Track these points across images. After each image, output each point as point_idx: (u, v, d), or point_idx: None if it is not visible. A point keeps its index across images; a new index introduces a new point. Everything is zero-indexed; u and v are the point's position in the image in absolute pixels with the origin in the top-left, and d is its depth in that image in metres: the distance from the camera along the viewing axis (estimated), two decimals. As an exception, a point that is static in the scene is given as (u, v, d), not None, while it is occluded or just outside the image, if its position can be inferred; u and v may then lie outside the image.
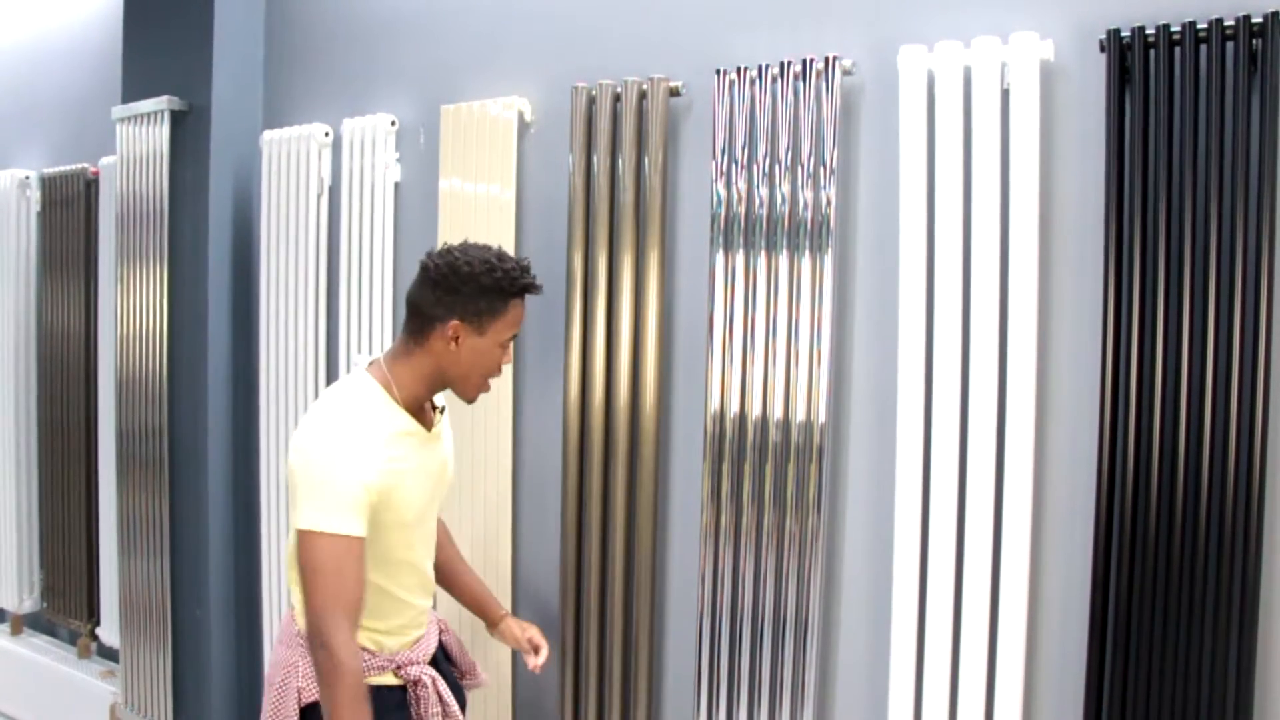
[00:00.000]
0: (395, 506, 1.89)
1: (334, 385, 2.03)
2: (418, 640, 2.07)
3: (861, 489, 2.20)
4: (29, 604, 3.99)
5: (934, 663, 2.03)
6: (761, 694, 2.21)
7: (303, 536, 1.82)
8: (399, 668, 2.00)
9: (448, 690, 2.05)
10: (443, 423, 2.07)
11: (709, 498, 2.27)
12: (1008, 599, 1.95)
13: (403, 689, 2.01)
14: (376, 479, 1.84)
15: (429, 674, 2.02)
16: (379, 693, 1.94)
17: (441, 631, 2.22)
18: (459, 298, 1.88)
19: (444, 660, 2.20)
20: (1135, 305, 1.84)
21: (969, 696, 1.99)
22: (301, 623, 1.95)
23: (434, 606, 2.21)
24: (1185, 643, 1.79)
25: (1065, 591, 1.97)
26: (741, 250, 2.23)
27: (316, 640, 1.81)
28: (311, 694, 1.92)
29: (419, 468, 1.96)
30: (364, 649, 1.94)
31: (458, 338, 1.89)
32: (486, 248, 1.95)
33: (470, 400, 2.00)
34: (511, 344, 1.99)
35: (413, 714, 2.01)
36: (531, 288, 1.94)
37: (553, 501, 2.58)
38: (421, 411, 1.99)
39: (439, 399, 2.08)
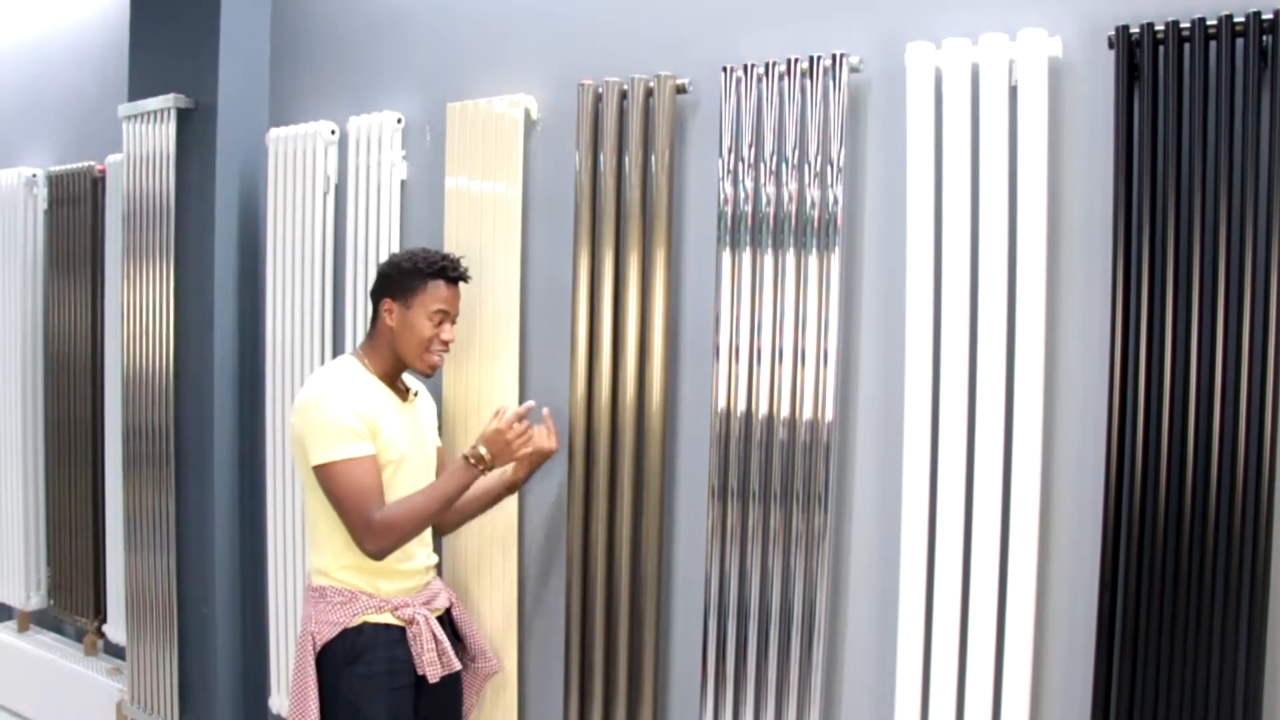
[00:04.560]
0: (381, 439, 2.24)
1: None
2: (416, 590, 2.33)
3: (868, 488, 2.20)
4: (36, 601, 4.00)
5: (941, 662, 2.02)
6: (767, 693, 2.21)
7: (319, 473, 2.19)
8: (395, 608, 2.26)
9: (441, 630, 2.31)
10: (417, 401, 2.43)
11: (715, 496, 2.27)
12: (1015, 599, 1.95)
13: (401, 629, 2.27)
14: (364, 408, 2.22)
15: (423, 614, 2.28)
16: (376, 630, 2.24)
17: (452, 605, 2.46)
18: (391, 282, 2.34)
19: (451, 637, 2.39)
20: (1144, 304, 1.83)
21: (976, 696, 1.98)
22: (317, 580, 2.29)
23: (439, 570, 2.49)
24: (1194, 645, 1.78)
25: (1073, 592, 1.96)
26: (748, 248, 2.22)
27: (378, 541, 2.16)
28: (324, 637, 2.23)
29: (397, 419, 2.32)
30: (361, 591, 2.25)
31: (391, 311, 2.32)
32: (426, 249, 2.39)
33: (421, 370, 2.35)
34: (446, 324, 2.33)
35: (412, 652, 2.26)
36: (443, 271, 2.32)
37: (559, 499, 2.57)
38: (395, 385, 2.37)
39: (411, 384, 2.44)
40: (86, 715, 3.65)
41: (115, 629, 3.65)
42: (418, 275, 2.31)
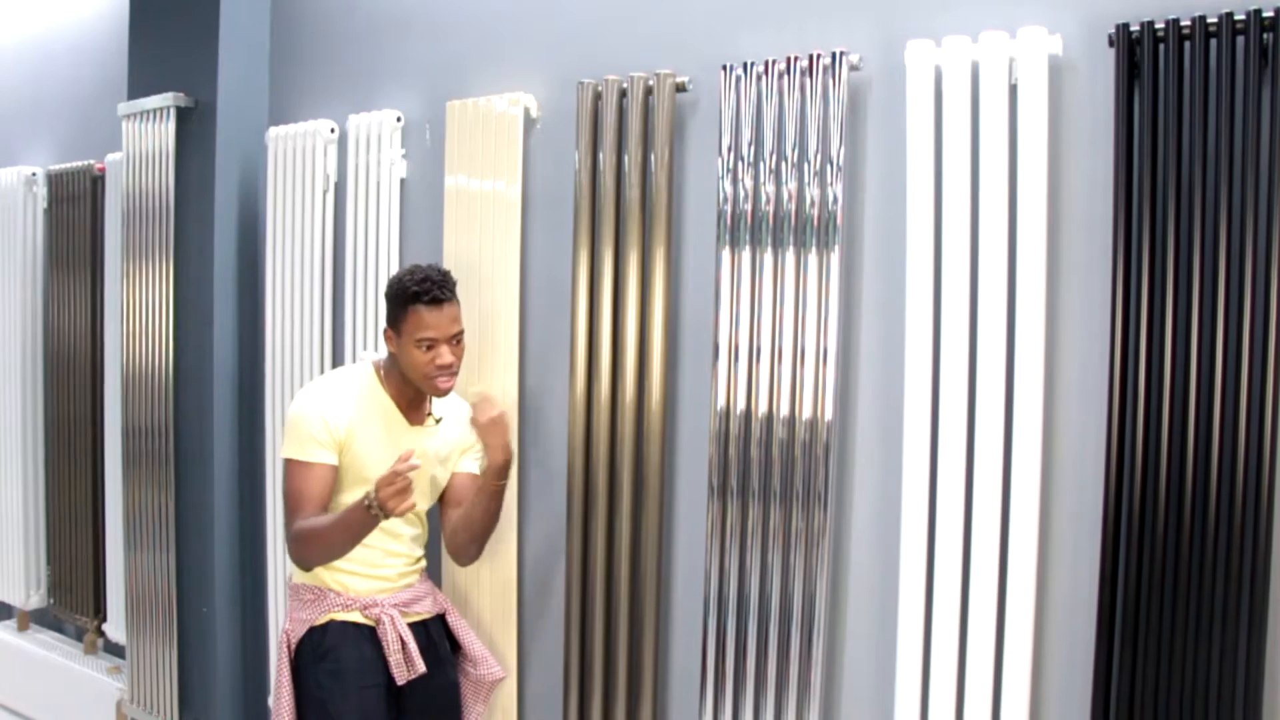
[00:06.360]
0: (353, 455, 2.22)
1: None
2: (392, 591, 2.31)
3: (868, 486, 2.19)
4: (36, 600, 4.00)
5: (940, 659, 2.02)
6: (767, 690, 2.21)
7: (284, 467, 2.22)
8: (364, 608, 2.26)
9: (409, 633, 2.27)
10: (439, 427, 2.35)
11: (715, 494, 2.27)
12: (1015, 596, 1.95)
13: (371, 628, 2.26)
14: (338, 419, 2.21)
15: (390, 614, 2.26)
16: (343, 627, 2.25)
17: (446, 613, 2.44)
18: (387, 308, 2.28)
19: (444, 643, 2.39)
20: (1144, 302, 1.83)
21: (975, 693, 1.98)
22: (295, 578, 2.31)
23: (422, 567, 2.43)
24: (1194, 640, 1.78)
25: (1073, 587, 1.96)
26: (748, 247, 2.22)
27: (291, 550, 2.20)
28: (296, 634, 2.27)
29: (383, 441, 2.24)
30: (330, 589, 2.26)
31: (390, 339, 2.27)
32: (417, 266, 2.26)
33: (433, 394, 2.28)
34: (441, 348, 2.20)
35: (380, 653, 2.24)
36: (417, 297, 2.19)
37: (559, 497, 2.57)
38: (413, 408, 2.32)
39: (437, 409, 2.36)
40: (86, 714, 3.65)
41: (115, 628, 3.65)
42: (398, 303, 2.22)
